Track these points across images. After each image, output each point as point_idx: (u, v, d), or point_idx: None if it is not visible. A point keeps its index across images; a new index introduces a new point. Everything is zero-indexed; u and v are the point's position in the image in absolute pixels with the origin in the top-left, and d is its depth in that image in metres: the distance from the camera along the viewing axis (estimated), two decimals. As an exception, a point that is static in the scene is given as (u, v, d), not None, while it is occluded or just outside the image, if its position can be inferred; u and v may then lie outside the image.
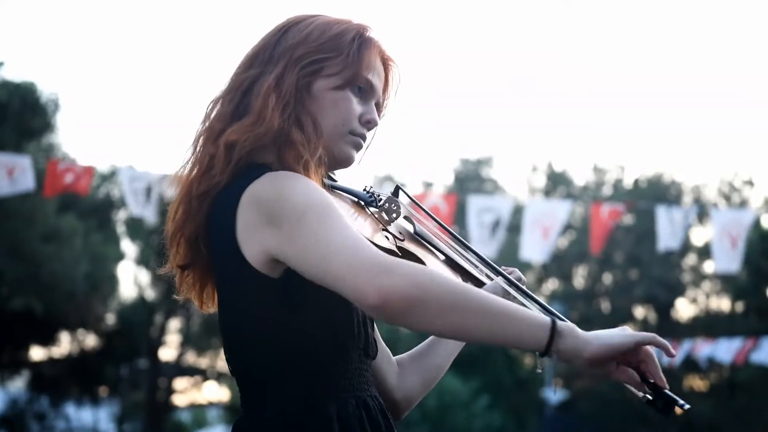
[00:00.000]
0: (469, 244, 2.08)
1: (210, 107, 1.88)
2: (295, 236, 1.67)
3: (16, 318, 20.70)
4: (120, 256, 25.27)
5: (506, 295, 1.91)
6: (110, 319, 26.44)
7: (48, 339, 24.86)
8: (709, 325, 25.66)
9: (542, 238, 11.11)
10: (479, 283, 2.04)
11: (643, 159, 46.44)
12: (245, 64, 1.89)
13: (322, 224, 1.66)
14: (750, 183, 28.00)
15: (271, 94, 1.81)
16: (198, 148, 1.85)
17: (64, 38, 51.36)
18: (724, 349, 16.57)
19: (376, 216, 1.96)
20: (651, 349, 1.62)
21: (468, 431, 23.60)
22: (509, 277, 1.97)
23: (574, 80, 49.35)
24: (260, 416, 1.78)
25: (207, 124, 1.86)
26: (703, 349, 16.76)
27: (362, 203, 1.98)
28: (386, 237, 1.90)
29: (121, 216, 25.92)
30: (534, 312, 1.62)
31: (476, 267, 2.05)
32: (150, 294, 26.89)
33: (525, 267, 27.99)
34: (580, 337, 1.59)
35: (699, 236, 27.28)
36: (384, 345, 2.08)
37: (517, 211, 14.03)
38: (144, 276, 26.87)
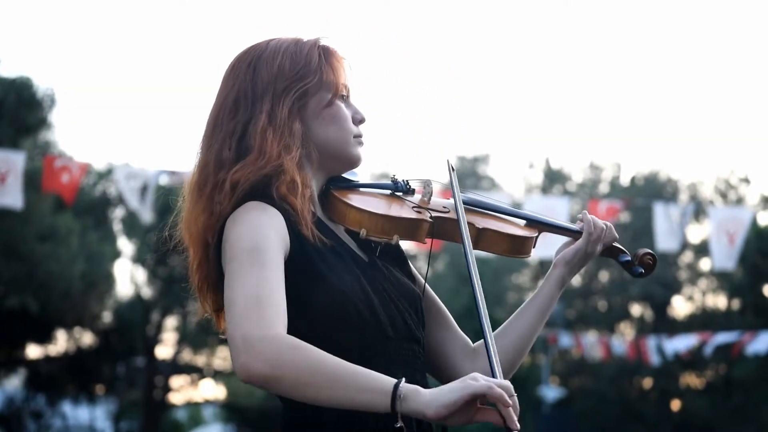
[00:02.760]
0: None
1: (204, 156, 1.99)
2: (226, 275, 1.84)
3: (12, 316, 20.65)
4: (116, 255, 25.19)
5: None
6: (107, 317, 26.37)
7: (44, 337, 24.79)
8: (705, 322, 25.67)
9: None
10: (571, 232, 2.36)
11: (640, 156, 46.57)
12: (231, 111, 1.99)
13: (237, 274, 1.80)
14: (746, 180, 28.01)
15: (267, 129, 1.95)
16: (205, 196, 1.96)
17: (60, 34, 51.31)
18: (721, 344, 16.57)
19: (409, 199, 2.12)
20: (500, 390, 1.66)
21: (464, 429, 23.58)
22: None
23: (570, 78, 49.41)
24: (285, 413, 1.94)
25: (207, 172, 1.96)
26: (700, 343, 16.76)
27: (393, 193, 2.14)
28: (418, 212, 2.07)
29: (117, 214, 25.86)
30: (382, 379, 1.70)
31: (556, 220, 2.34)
32: (146, 292, 26.82)
33: (521, 264, 27.98)
34: (419, 401, 1.67)
35: (695, 234, 27.30)
36: (455, 329, 2.20)
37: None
38: (140, 274, 26.82)
